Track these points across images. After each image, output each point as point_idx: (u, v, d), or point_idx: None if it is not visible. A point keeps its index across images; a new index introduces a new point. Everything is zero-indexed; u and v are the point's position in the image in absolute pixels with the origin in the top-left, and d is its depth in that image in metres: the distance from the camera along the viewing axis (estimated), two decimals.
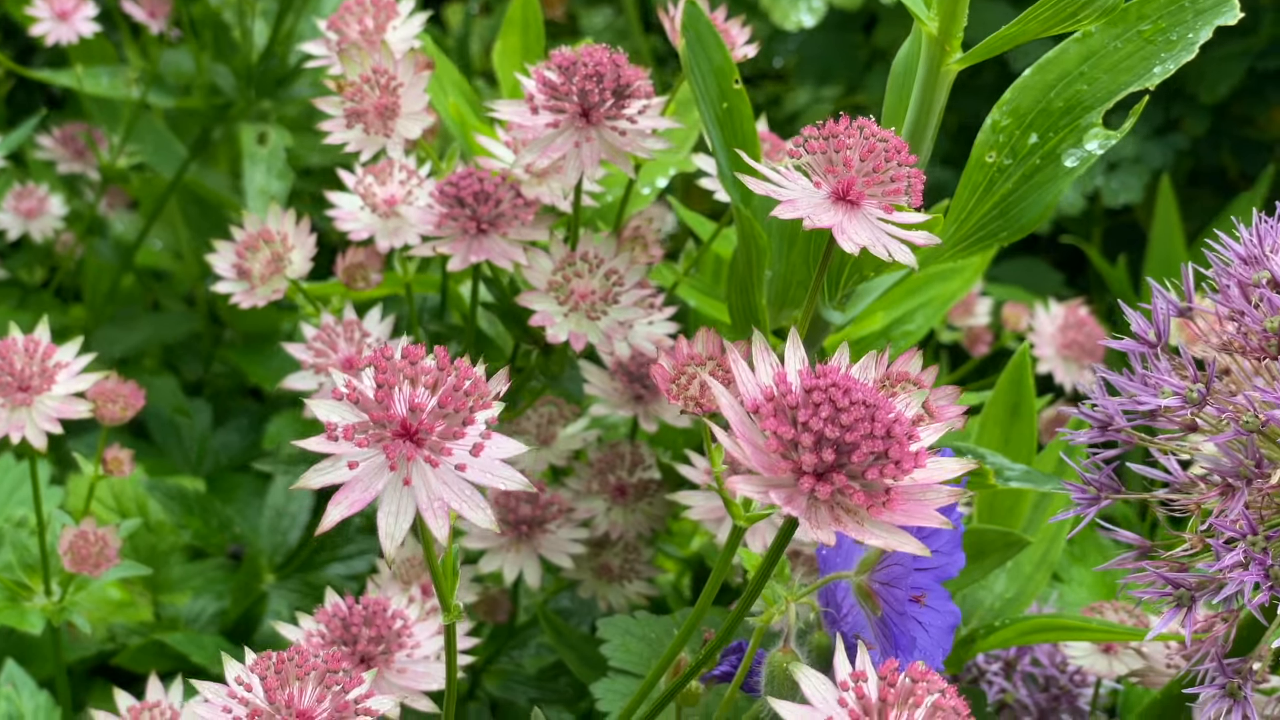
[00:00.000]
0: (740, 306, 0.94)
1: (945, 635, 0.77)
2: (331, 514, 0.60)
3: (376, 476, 0.60)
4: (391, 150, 0.96)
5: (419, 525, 0.60)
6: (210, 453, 1.79)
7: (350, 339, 0.98)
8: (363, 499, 0.60)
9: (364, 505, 0.60)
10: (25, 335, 0.95)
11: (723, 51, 0.87)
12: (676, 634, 0.87)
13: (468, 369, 0.61)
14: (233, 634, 1.46)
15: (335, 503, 0.60)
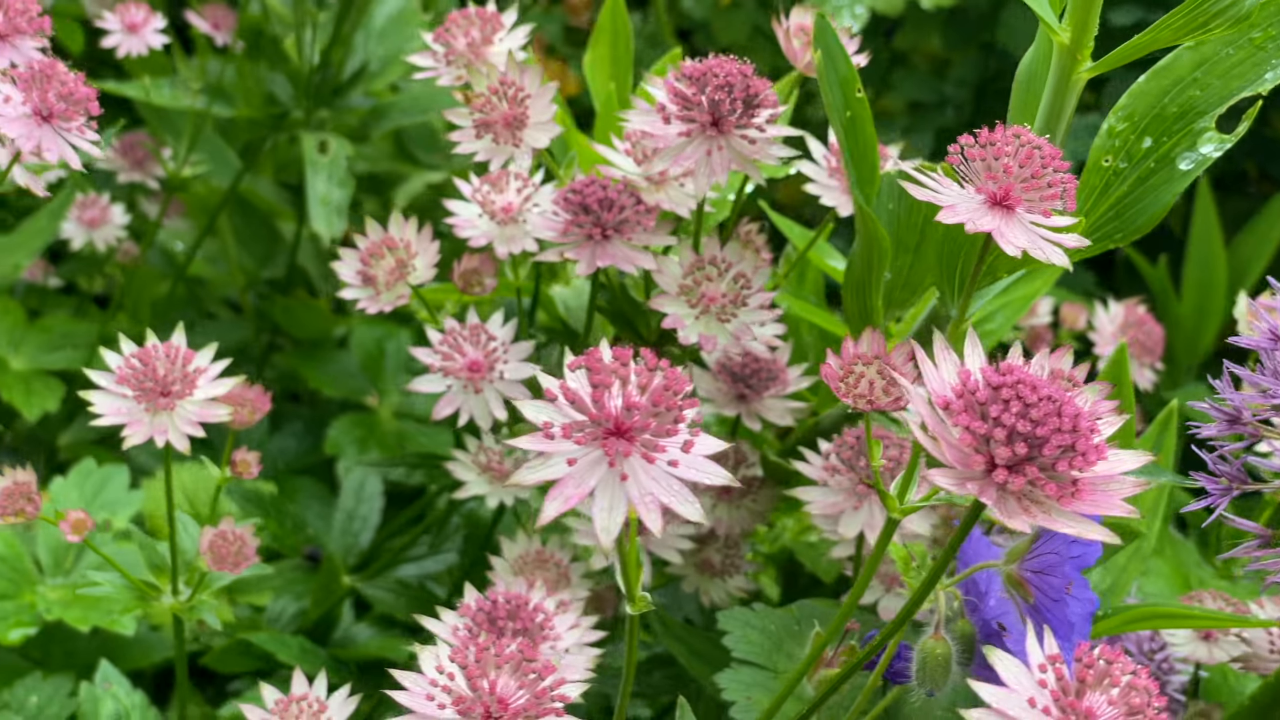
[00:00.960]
0: (856, 307, 0.98)
1: (1087, 622, 0.80)
2: (549, 509, 0.63)
3: (590, 473, 0.63)
4: (519, 160, 0.99)
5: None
6: (268, 457, 1.82)
7: (476, 342, 1.01)
8: (577, 494, 0.63)
9: (578, 501, 0.63)
10: (164, 342, 0.98)
11: (848, 63, 0.90)
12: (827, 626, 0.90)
13: (674, 370, 0.64)
14: (313, 634, 1.49)
15: (551, 498, 0.63)
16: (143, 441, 0.95)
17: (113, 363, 0.97)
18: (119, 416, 0.95)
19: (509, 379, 1.01)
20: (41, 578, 1.42)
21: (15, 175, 1.00)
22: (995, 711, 0.62)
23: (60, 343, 1.76)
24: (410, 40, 1.86)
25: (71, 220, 1.71)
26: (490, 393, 1.01)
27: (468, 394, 1.01)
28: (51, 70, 0.96)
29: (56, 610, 1.35)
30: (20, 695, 1.37)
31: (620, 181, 0.99)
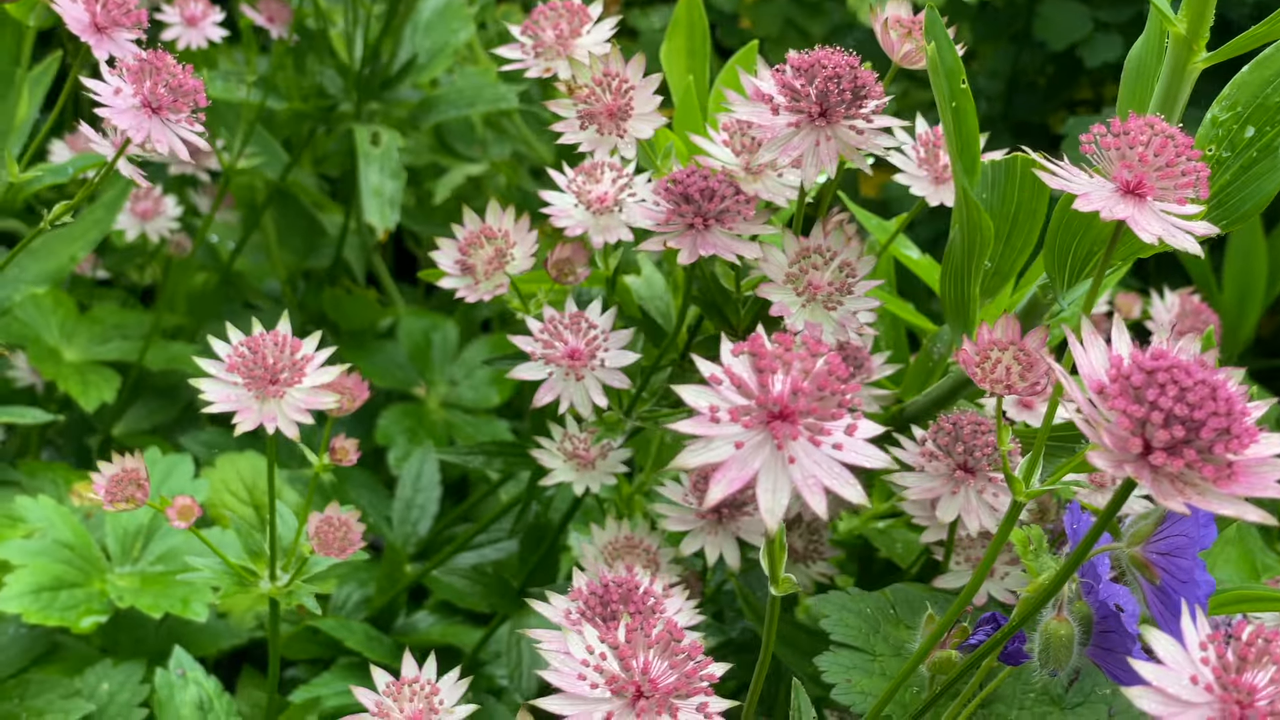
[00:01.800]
0: (954, 295, 0.99)
1: (1204, 603, 0.82)
2: (714, 492, 0.64)
3: (753, 455, 0.65)
4: (624, 150, 1.00)
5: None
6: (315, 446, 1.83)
7: (577, 330, 1.02)
8: (741, 477, 0.65)
9: (742, 483, 0.64)
10: (272, 331, 0.99)
11: (954, 55, 0.91)
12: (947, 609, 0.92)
13: (835, 355, 0.65)
14: (377, 621, 1.50)
15: (716, 481, 0.64)
16: (253, 428, 0.96)
17: (222, 351, 0.98)
18: (229, 404, 0.96)
19: (610, 366, 1.02)
20: (110, 565, 1.43)
21: (120, 167, 1.01)
22: (1155, 690, 0.63)
23: (111, 334, 1.76)
24: (456, 33, 1.87)
25: (125, 212, 1.72)
26: (591, 380, 1.02)
27: (568, 381, 1.02)
28: (160, 62, 0.97)
29: (129, 597, 1.37)
30: (91, 682, 1.38)
31: (720, 171, 1.00)
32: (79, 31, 1.04)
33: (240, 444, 1.78)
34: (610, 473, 1.13)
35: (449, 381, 1.87)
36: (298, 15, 1.81)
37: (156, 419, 1.79)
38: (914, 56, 1.01)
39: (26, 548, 1.39)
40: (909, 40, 1.01)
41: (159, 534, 1.46)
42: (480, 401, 1.86)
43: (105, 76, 0.98)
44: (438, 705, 0.91)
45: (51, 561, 1.39)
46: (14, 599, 1.34)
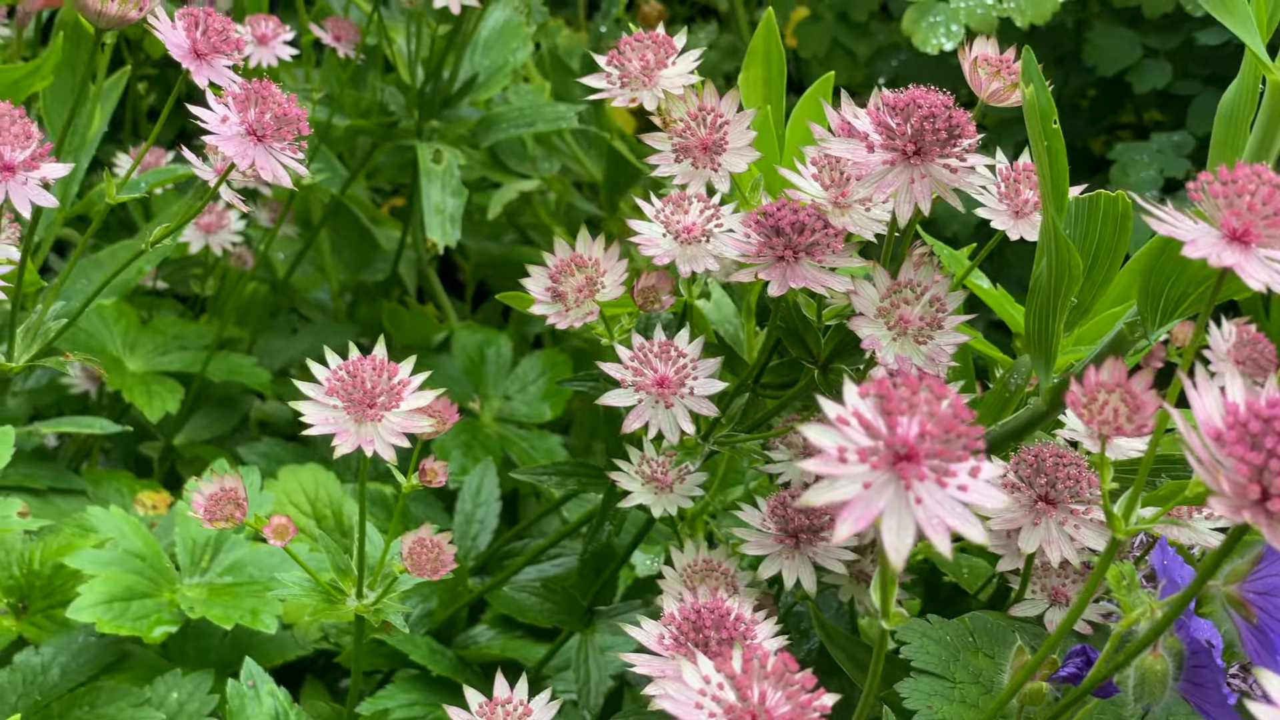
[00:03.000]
0: (1038, 330, 1.01)
1: None
2: (842, 530, 0.66)
3: (878, 495, 0.67)
4: (717, 183, 1.02)
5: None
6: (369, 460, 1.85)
7: (666, 358, 1.04)
8: (867, 515, 0.66)
9: (868, 522, 0.66)
10: (367, 355, 1.01)
11: (1047, 96, 0.93)
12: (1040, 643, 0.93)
13: (958, 398, 0.67)
14: (439, 634, 1.53)
15: (843, 519, 0.66)
16: (351, 451, 0.98)
17: (321, 374, 1.00)
18: (328, 426, 0.98)
19: (698, 394, 1.04)
20: (179, 576, 1.45)
21: (222, 192, 1.04)
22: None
23: (172, 345, 1.79)
24: (514, 52, 1.89)
25: (190, 225, 1.74)
26: (679, 407, 1.04)
27: (657, 408, 1.04)
28: (266, 91, 1.00)
29: (199, 608, 1.39)
30: (161, 692, 1.40)
31: (809, 205, 1.02)
32: (180, 57, 1.07)
33: (298, 455, 1.81)
34: (687, 495, 1.15)
35: (503, 396, 1.89)
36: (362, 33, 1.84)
37: (216, 429, 1.81)
38: (1001, 94, 1.03)
39: (99, 558, 1.41)
40: (997, 78, 1.03)
41: (226, 545, 1.48)
42: (533, 416, 1.89)
43: (211, 104, 1.00)
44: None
45: (123, 572, 1.41)
46: (87, 609, 1.36)
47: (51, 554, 1.49)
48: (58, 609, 1.48)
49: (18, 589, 1.50)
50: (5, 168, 0.95)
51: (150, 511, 1.63)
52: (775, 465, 1.17)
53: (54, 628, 1.48)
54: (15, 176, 0.95)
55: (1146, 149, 1.96)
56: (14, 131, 0.96)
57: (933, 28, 1.93)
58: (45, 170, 0.97)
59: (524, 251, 2.19)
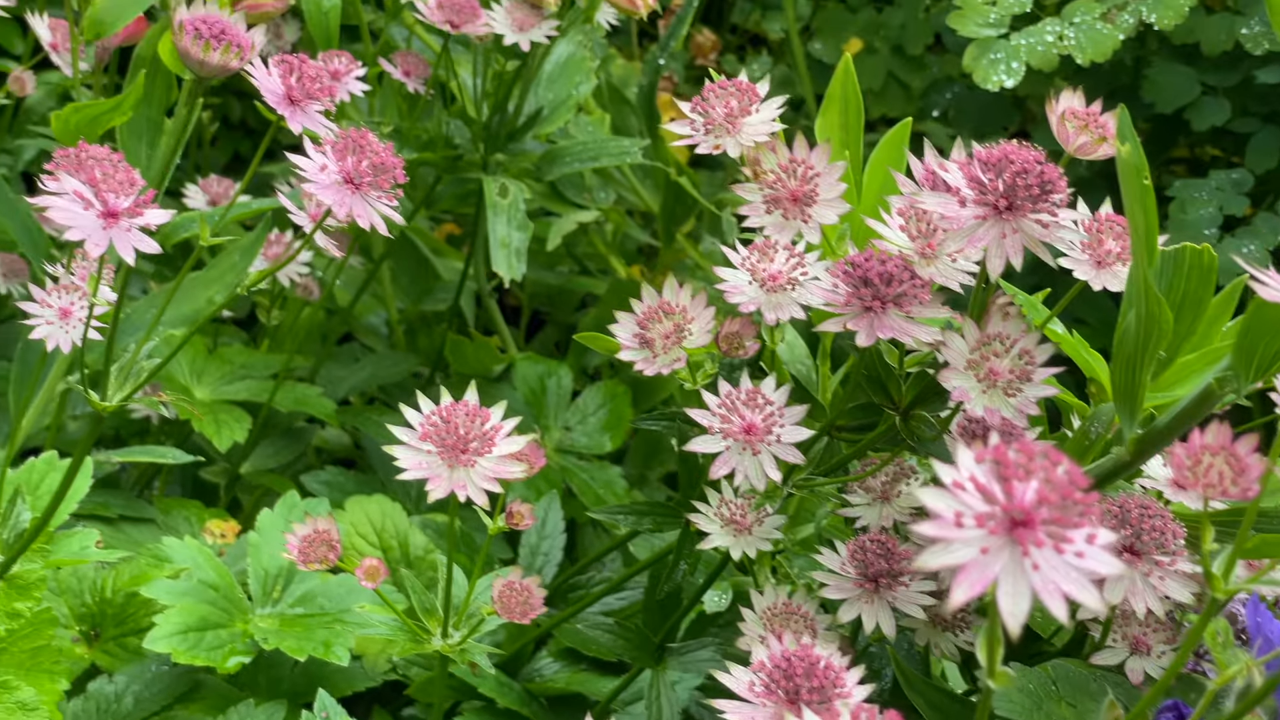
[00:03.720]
0: (1124, 381, 1.02)
1: None
2: (958, 595, 0.67)
3: (994, 560, 0.68)
4: (808, 235, 1.03)
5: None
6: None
7: (754, 406, 1.05)
8: (983, 580, 0.67)
9: (984, 587, 0.67)
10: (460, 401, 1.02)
11: (1141, 154, 0.94)
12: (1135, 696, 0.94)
13: (1074, 464, 0.68)
14: (506, 667, 1.54)
15: (959, 584, 0.67)
16: (444, 496, 1.00)
17: (415, 419, 1.01)
18: (421, 471, 1.00)
19: (785, 442, 1.05)
20: (252, 606, 1.47)
21: (318, 238, 1.05)
22: None
23: (239, 374, 1.81)
24: (577, 86, 1.91)
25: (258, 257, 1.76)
26: (766, 455, 1.05)
27: (744, 455, 1.05)
28: (364, 140, 1.01)
29: (273, 639, 1.40)
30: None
31: (896, 255, 1.03)
32: (274, 104, 1.09)
33: (360, 484, 1.83)
34: (766, 538, 1.16)
35: (563, 427, 1.90)
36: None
37: (281, 458, 1.83)
38: (1089, 148, 1.04)
39: (174, 588, 1.43)
40: (1085, 133, 1.04)
41: (298, 576, 1.50)
42: (594, 447, 1.90)
43: (309, 152, 1.02)
44: None
45: (197, 602, 1.43)
46: (163, 639, 1.38)
47: (125, 583, 1.51)
48: (130, 637, 1.51)
49: (90, 617, 1.53)
50: (109, 214, 0.97)
51: (218, 540, 1.65)
52: (854, 509, 1.18)
53: (126, 656, 1.50)
54: (119, 223, 0.97)
55: (1205, 186, 1.97)
56: (118, 179, 0.97)
57: (993, 64, 1.94)
58: (149, 216, 0.98)
59: (581, 282, 2.20)
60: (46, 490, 1.41)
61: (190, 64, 1.06)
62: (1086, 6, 1.95)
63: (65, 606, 1.50)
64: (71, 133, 1.48)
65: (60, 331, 1.12)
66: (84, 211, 0.97)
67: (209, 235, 1.10)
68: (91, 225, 0.97)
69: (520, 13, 1.68)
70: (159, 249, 0.98)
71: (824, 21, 2.46)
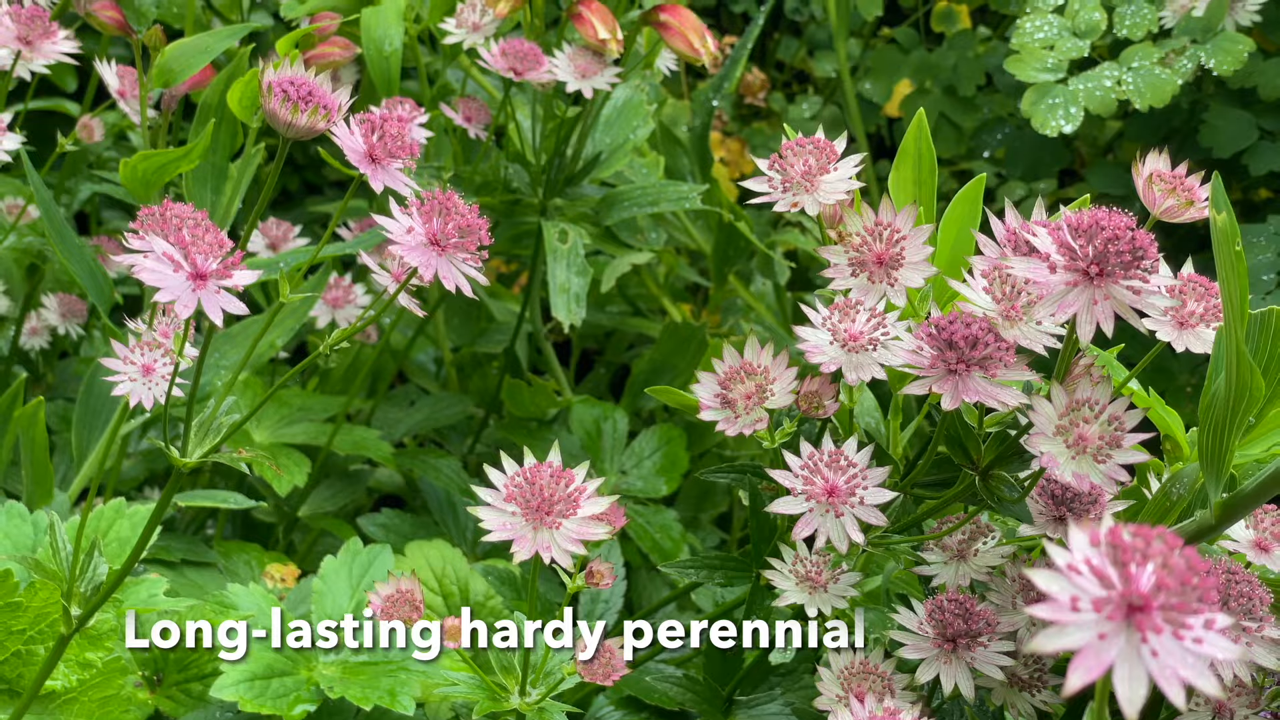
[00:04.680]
0: (1211, 445, 1.02)
1: None
2: (1073, 680, 0.67)
3: (1111, 645, 0.67)
4: (894, 298, 1.03)
5: None
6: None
7: (836, 467, 1.05)
8: (1100, 665, 0.67)
9: (1101, 672, 0.67)
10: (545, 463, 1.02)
11: (1233, 221, 0.94)
12: None
13: (1191, 549, 0.68)
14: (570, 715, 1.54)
15: (1075, 669, 0.67)
16: (529, 558, 1.00)
17: (498, 481, 1.01)
18: (506, 532, 1.00)
19: (868, 504, 1.05)
20: (316, 653, 1.47)
21: (401, 299, 1.06)
22: None
23: (298, 416, 1.81)
24: (635, 129, 1.91)
25: (318, 300, 1.77)
26: (849, 517, 1.05)
27: (827, 517, 1.05)
28: (449, 203, 1.01)
29: (339, 688, 1.40)
30: None
31: (981, 318, 1.03)
32: (356, 162, 1.09)
33: (415, 526, 1.83)
34: (841, 595, 1.16)
35: (619, 471, 1.90)
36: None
37: (339, 501, 1.83)
38: (1175, 211, 1.04)
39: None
40: (1171, 196, 1.03)
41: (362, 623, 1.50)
42: (649, 491, 1.90)
43: (395, 214, 1.02)
44: None
45: (263, 650, 1.43)
46: (230, 687, 1.38)
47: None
48: (193, 683, 1.51)
49: (152, 662, 1.53)
50: (199, 276, 0.97)
51: (279, 584, 1.65)
52: (930, 568, 1.18)
53: (190, 702, 1.50)
54: (208, 285, 0.98)
55: (1264, 231, 1.96)
56: (207, 240, 0.98)
57: (1052, 109, 1.94)
58: (237, 278, 0.99)
59: (634, 322, 2.20)
60: (115, 538, 1.42)
61: (278, 125, 1.06)
62: (1145, 52, 1.94)
63: (128, 652, 1.50)
64: (139, 180, 1.49)
65: (143, 388, 1.12)
66: (174, 273, 0.97)
67: (288, 290, 1.11)
68: (181, 287, 0.97)
69: (583, 60, 1.68)
70: (246, 310, 0.99)
71: (875, 61, 2.46)
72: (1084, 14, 1.98)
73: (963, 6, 2.54)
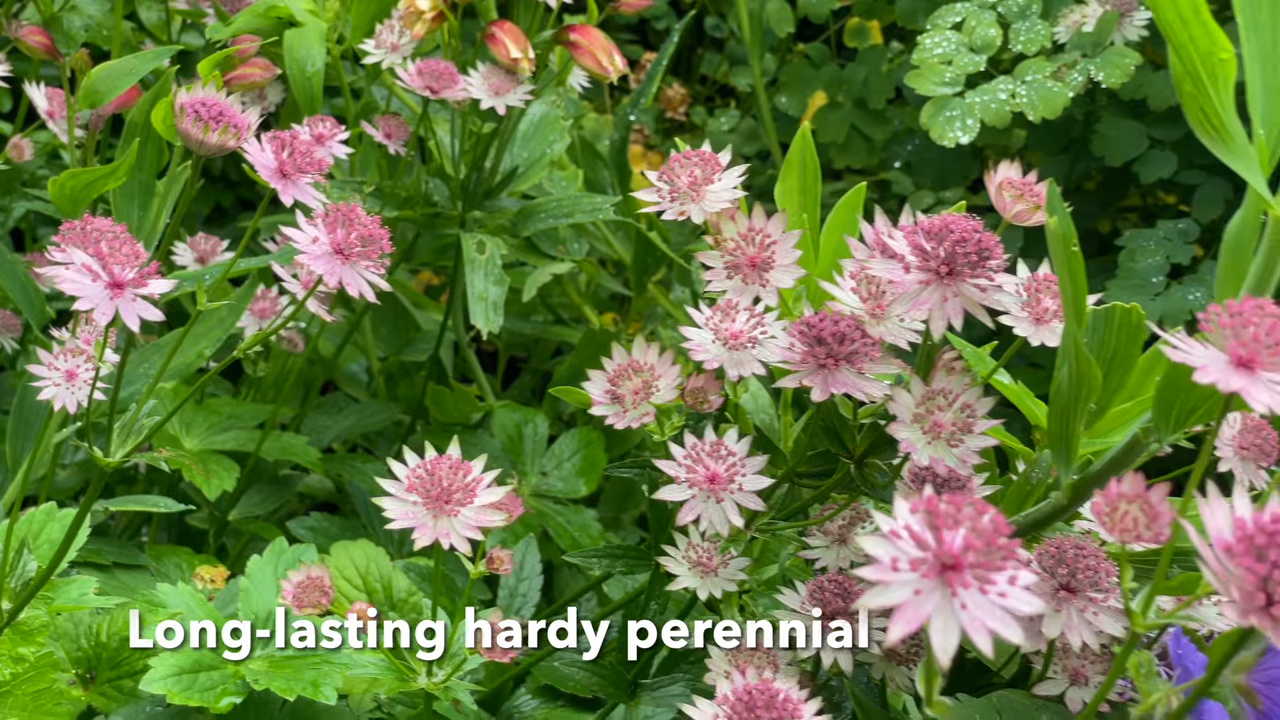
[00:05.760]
0: (1059, 431, 1.10)
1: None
2: (894, 632, 0.75)
3: (927, 600, 0.76)
4: (766, 298, 1.11)
5: None
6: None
7: (717, 456, 1.13)
8: (917, 618, 0.75)
9: (918, 625, 0.75)
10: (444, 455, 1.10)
11: (1069, 223, 1.03)
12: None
13: (999, 514, 0.76)
14: (486, 704, 1.61)
15: (895, 622, 0.75)
16: (429, 544, 1.07)
17: (400, 472, 1.09)
18: (407, 521, 1.07)
19: (747, 490, 1.13)
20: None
21: (309, 304, 1.13)
22: None
23: (228, 424, 1.88)
24: (552, 144, 1.99)
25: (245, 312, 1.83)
26: (729, 502, 1.13)
27: (709, 503, 1.13)
28: (352, 214, 1.09)
29: (264, 680, 1.47)
30: None
31: (849, 316, 1.11)
32: (267, 177, 1.16)
33: (343, 528, 1.90)
34: (731, 579, 1.24)
35: (540, 473, 1.98)
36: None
37: (268, 505, 1.90)
38: (1024, 215, 1.13)
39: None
40: (1020, 201, 1.12)
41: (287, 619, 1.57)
42: (569, 491, 1.97)
43: (301, 225, 1.10)
44: None
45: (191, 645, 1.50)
46: (159, 681, 1.44)
47: (119, 628, 1.57)
48: (125, 680, 1.57)
49: (85, 660, 1.59)
50: (116, 285, 1.04)
51: (208, 585, 1.72)
52: (813, 551, 1.26)
53: (121, 698, 1.56)
54: (125, 293, 1.05)
55: (1153, 235, 2.06)
56: (124, 252, 1.05)
57: (949, 121, 2.03)
58: (152, 286, 1.06)
59: (556, 330, 2.28)
60: (46, 539, 1.48)
61: (190, 144, 1.14)
62: (1038, 66, 2.04)
63: (62, 650, 1.56)
64: (68, 197, 1.55)
65: (66, 393, 1.19)
66: (92, 283, 1.04)
67: (204, 300, 1.17)
68: (99, 295, 1.04)
69: (496, 78, 1.76)
70: (162, 316, 1.06)
71: (789, 76, 2.55)
72: (980, 30, 2.08)
73: (874, 23, 2.63)
